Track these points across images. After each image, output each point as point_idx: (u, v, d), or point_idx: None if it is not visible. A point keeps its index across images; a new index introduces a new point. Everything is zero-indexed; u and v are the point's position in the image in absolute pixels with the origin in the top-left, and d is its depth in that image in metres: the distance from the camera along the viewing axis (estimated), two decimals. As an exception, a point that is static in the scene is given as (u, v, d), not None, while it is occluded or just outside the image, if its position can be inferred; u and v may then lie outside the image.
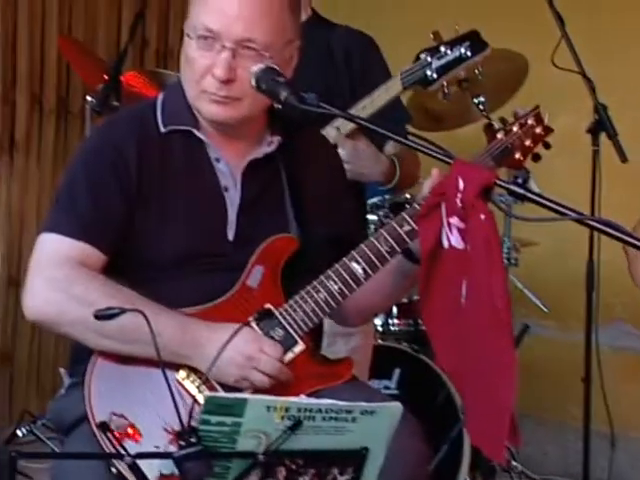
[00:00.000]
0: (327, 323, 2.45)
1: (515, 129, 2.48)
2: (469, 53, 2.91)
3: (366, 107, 2.95)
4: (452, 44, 2.93)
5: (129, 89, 3.90)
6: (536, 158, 2.57)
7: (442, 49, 2.92)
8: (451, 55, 2.92)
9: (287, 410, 1.79)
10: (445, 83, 2.99)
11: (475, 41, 2.92)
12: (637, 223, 3.02)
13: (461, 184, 2.04)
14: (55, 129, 4.93)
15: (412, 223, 2.25)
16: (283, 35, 2.24)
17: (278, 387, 2.18)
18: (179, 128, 2.29)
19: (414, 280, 2.29)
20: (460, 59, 2.93)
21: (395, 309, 3.97)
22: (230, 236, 2.29)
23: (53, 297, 2.16)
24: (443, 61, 2.92)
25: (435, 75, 2.92)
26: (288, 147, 2.33)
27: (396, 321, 3.99)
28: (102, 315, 2.04)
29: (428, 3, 5.07)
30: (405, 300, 3.91)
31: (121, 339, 2.15)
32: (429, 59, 2.93)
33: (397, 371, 3.76)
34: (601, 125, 3.48)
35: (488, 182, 2.01)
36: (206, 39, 2.20)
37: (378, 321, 3.96)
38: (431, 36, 2.95)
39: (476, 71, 3.41)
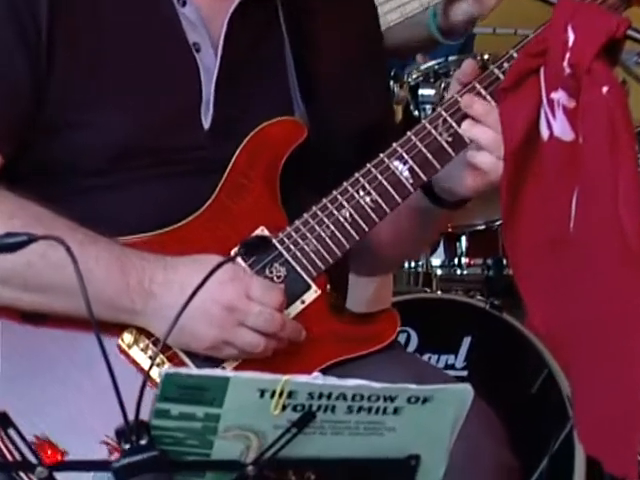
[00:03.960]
0: None
1: None
2: None
3: None
4: None
5: None
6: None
7: None
8: None
9: (291, 395, 1.55)
10: None
11: None
12: None
13: (571, 37, 1.80)
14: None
15: (489, 97, 1.96)
16: None
17: (280, 356, 1.95)
18: None
19: (445, 225, 2.11)
20: None
21: (464, 241, 3.47)
22: (205, 122, 2.01)
23: None
24: None
25: None
26: None
27: (465, 260, 3.51)
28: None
29: None
30: (481, 226, 3.39)
31: (29, 285, 1.91)
32: None
33: (467, 340, 3.31)
34: None
35: (615, 33, 1.80)
36: None
37: (437, 261, 3.51)
38: None
39: None
